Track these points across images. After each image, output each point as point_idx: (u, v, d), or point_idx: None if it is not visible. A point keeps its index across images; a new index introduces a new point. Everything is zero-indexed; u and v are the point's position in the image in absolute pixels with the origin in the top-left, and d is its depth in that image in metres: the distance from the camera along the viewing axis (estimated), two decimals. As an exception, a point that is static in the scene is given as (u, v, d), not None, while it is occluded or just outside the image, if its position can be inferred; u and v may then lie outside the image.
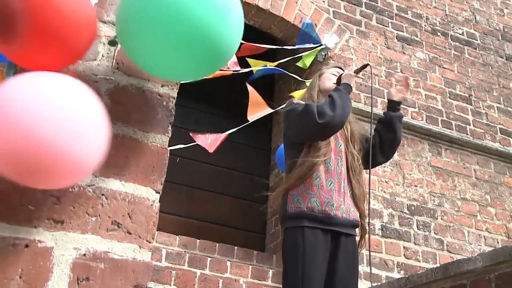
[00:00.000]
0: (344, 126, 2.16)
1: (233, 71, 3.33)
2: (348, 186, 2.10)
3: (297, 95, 3.72)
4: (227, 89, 4.04)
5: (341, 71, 2.31)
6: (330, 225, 1.98)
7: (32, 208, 1.03)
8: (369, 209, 2.10)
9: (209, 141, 3.22)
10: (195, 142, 3.23)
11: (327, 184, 2.03)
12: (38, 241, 1.03)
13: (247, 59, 3.56)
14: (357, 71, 2.21)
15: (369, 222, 2.12)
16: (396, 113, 2.27)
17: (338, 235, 2.01)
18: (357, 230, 2.14)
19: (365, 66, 2.24)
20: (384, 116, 2.29)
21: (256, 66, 3.56)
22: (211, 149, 3.17)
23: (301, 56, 3.90)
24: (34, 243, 1.02)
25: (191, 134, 3.19)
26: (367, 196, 2.13)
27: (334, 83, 2.22)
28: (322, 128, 2.00)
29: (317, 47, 3.98)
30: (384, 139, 2.25)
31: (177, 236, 3.49)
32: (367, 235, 2.12)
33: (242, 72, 3.54)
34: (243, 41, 3.59)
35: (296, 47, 3.96)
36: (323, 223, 1.97)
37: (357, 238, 2.15)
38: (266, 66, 3.60)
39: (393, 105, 2.29)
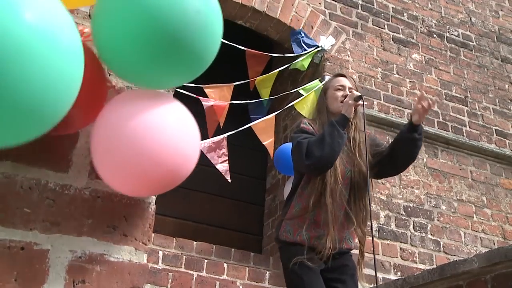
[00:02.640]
0: (352, 149, 2.11)
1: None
2: (348, 214, 2.07)
3: (298, 106, 3.74)
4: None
5: (343, 80, 2.24)
6: (318, 254, 2.01)
7: (28, 210, 1.03)
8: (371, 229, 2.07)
9: (214, 145, 3.28)
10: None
11: (323, 216, 2.01)
12: (34, 244, 1.02)
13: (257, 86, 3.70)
14: (356, 99, 2.09)
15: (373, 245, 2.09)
16: (408, 135, 2.10)
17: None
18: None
19: (360, 97, 2.11)
20: (399, 133, 2.16)
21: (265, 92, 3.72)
22: (228, 177, 3.32)
23: (299, 60, 3.92)
24: (30, 245, 1.02)
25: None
26: (369, 218, 2.12)
27: (341, 100, 2.13)
28: (309, 169, 2.02)
29: (313, 49, 3.99)
30: (394, 153, 2.14)
31: (174, 238, 3.49)
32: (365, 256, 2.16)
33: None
34: (246, 48, 3.66)
35: (295, 54, 3.96)
36: (312, 251, 2.01)
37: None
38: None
39: (409, 125, 2.12)
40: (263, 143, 3.53)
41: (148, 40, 0.90)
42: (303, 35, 3.98)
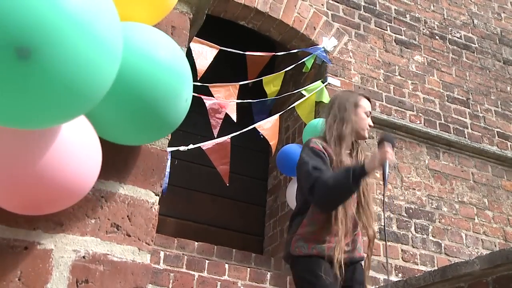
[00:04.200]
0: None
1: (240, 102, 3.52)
2: (356, 220, 2.09)
3: (298, 108, 3.75)
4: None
5: (370, 106, 2.25)
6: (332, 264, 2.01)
7: (31, 210, 1.03)
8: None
9: (217, 146, 3.28)
10: (193, 145, 3.24)
11: (335, 229, 2.00)
12: (37, 243, 1.02)
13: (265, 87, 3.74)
14: (381, 164, 1.94)
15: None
16: None
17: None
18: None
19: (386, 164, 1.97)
20: None
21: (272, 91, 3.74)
22: (226, 180, 3.32)
23: (303, 61, 3.93)
24: (34, 245, 1.02)
25: (203, 147, 3.26)
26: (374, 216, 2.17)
27: (368, 127, 2.16)
28: (313, 204, 2.04)
29: (315, 51, 4.00)
30: None
31: (175, 239, 3.49)
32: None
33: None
34: (245, 52, 3.67)
35: (295, 51, 3.98)
36: (328, 262, 2.00)
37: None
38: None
39: None
40: (270, 143, 3.54)
41: (140, 118, 1.05)
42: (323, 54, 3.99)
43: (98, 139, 1.01)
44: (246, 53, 3.68)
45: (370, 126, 2.22)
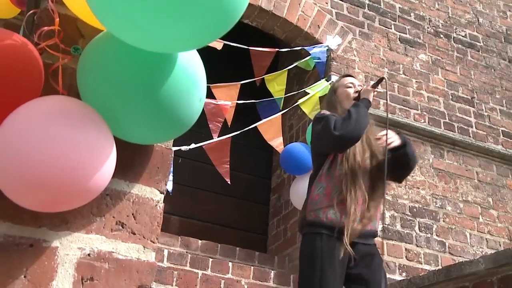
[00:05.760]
0: (366, 139, 2.20)
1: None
2: (369, 198, 2.14)
3: (303, 106, 3.75)
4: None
5: (351, 79, 2.37)
6: (347, 236, 2.02)
7: (37, 207, 1.03)
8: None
9: (218, 145, 3.27)
10: (197, 143, 3.25)
11: (348, 195, 2.06)
12: (42, 241, 1.03)
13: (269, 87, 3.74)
14: (374, 86, 2.26)
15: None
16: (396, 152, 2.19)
17: (355, 243, 2.05)
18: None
19: (381, 80, 2.28)
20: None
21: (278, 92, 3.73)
22: (227, 178, 3.32)
23: (305, 60, 3.92)
24: (39, 242, 1.03)
25: (204, 147, 3.26)
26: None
27: (354, 95, 2.27)
28: (337, 140, 2.06)
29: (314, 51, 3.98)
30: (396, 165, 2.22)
31: (179, 237, 3.49)
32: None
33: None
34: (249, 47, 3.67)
35: (297, 48, 3.97)
36: (340, 233, 2.01)
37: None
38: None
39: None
40: (269, 143, 3.53)
41: (158, 119, 1.08)
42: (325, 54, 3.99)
43: (113, 140, 1.03)
44: (250, 48, 3.67)
45: (356, 92, 2.29)
